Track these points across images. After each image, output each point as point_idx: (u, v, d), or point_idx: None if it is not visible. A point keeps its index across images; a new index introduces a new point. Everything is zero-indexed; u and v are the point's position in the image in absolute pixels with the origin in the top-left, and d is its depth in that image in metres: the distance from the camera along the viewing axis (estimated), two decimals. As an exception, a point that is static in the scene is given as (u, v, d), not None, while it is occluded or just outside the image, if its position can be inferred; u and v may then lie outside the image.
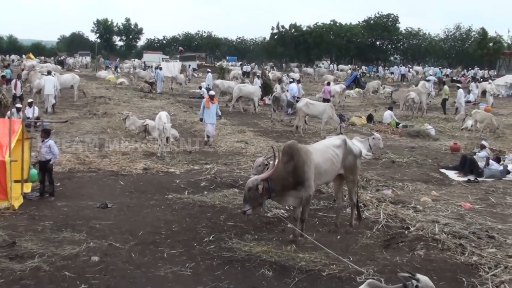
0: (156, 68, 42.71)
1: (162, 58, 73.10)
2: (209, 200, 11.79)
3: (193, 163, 15.60)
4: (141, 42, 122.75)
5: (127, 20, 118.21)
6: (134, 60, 79.98)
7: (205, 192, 12.48)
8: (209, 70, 45.67)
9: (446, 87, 33.83)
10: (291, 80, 36.68)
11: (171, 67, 50.26)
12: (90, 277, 7.58)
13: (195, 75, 59.01)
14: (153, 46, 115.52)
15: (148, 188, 12.79)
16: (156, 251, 8.73)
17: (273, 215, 10.85)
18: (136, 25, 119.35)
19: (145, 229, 9.75)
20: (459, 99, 30.76)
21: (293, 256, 8.54)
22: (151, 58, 77.15)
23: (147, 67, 60.61)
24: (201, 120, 18.96)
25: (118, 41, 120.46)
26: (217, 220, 10.45)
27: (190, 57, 79.34)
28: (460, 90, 31.54)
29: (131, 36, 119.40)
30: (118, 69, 62.13)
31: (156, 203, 11.54)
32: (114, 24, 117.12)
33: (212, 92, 19.81)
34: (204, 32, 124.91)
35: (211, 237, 9.38)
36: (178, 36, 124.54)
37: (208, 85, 36.33)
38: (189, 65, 58.13)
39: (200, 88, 37.21)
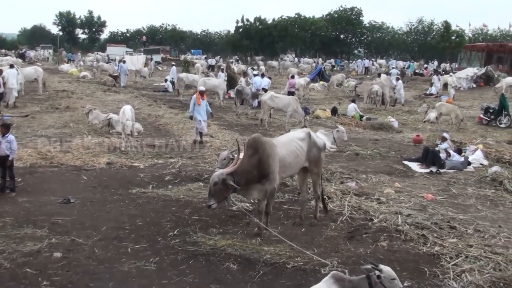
0: (120, 61, 42.24)
1: (126, 51, 72.47)
2: (173, 194, 11.69)
3: (158, 157, 15.45)
4: (104, 35, 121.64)
5: (90, 12, 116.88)
6: (97, 53, 79.07)
7: (170, 186, 12.37)
8: (173, 63, 45.72)
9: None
10: (255, 73, 36.77)
11: (135, 61, 49.95)
12: (52, 274, 7.45)
13: (159, 68, 58.56)
14: (116, 39, 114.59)
15: (111, 182, 12.61)
16: (120, 246, 8.63)
17: (237, 208, 10.83)
18: (99, 17, 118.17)
19: (109, 224, 9.63)
20: (398, 90, 32.15)
21: (258, 249, 8.54)
22: (114, 51, 76.59)
23: (110, 60, 60.03)
24: (191, 118, 18.07)
25: (81, 34, 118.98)
26: (181, 214, 10.38)
27: (154, 50, 78.91)
28: (399, 81, 32.82)
29: (94, 29, 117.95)
30: (81, 62, 61.19)
31: (119, 198, 11.40)
32: (77, 16, 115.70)
33: (202, 88, 19.14)
34: (169, 25, 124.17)
35: (175, 232, 9.32)
36: (142, 29, 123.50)
37: (173, 78, 36.25)
38: (151, 59, 57.67)
39: (165, 81, 37.09)
